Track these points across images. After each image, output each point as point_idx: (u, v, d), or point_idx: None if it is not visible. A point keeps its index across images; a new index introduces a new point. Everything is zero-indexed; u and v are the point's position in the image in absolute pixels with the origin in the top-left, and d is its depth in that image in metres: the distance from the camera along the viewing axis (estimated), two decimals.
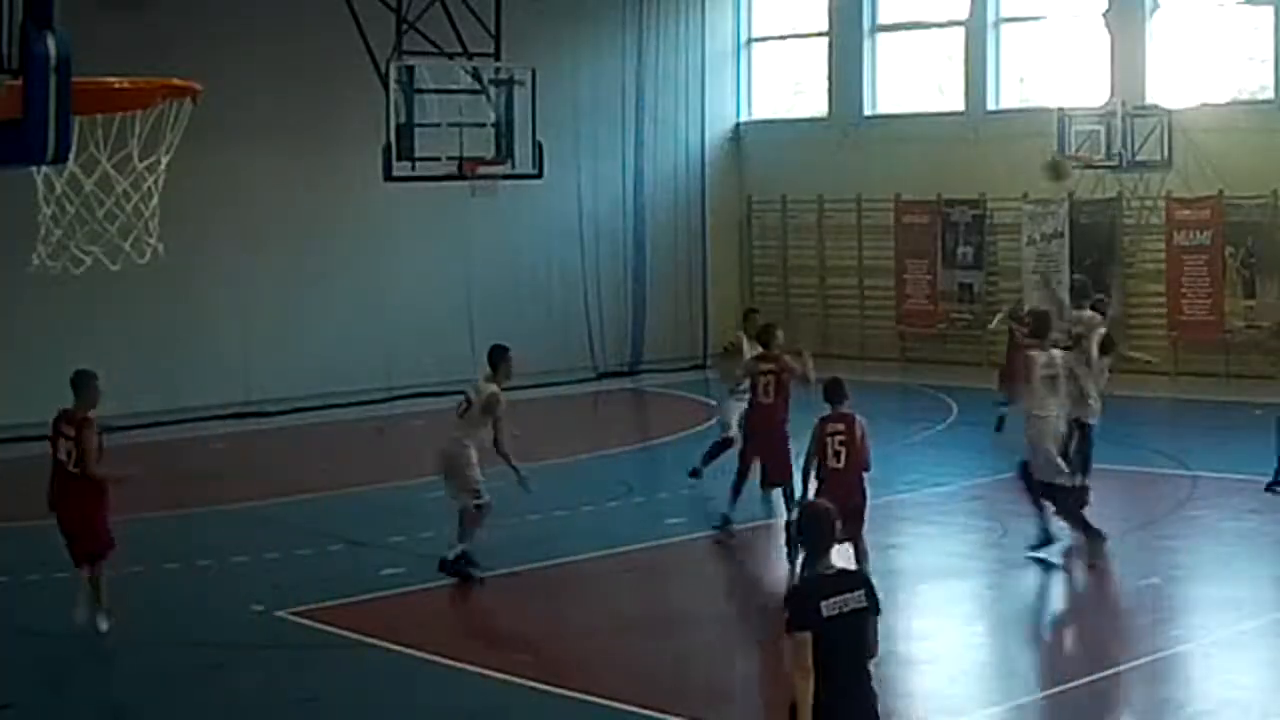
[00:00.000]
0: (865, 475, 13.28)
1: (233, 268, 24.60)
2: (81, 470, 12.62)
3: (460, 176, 20.86)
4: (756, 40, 31.34)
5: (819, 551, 7.53)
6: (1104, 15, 26.65)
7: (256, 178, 24.73)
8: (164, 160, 11.39)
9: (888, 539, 15.89)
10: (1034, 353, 14.68)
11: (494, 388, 14.27)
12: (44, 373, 22.44)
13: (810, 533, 7.60)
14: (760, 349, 16.03)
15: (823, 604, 7.34)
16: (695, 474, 17.49)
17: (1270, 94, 25.49)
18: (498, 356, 14.43)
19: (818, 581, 7.47)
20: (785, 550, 14.29)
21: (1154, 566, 14.67)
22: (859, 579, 7.68)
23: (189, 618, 13.54)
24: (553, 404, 24.72)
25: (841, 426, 13.17)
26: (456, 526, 14.44)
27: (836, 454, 13.08)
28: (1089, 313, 16.35)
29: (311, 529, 15.97)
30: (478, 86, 21.00)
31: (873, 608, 7.54)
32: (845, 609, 7.38)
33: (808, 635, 7.27)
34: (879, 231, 29.36)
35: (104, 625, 12.80)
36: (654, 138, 29.56)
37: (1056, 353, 14.70)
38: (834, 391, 13.48)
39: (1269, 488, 16.73)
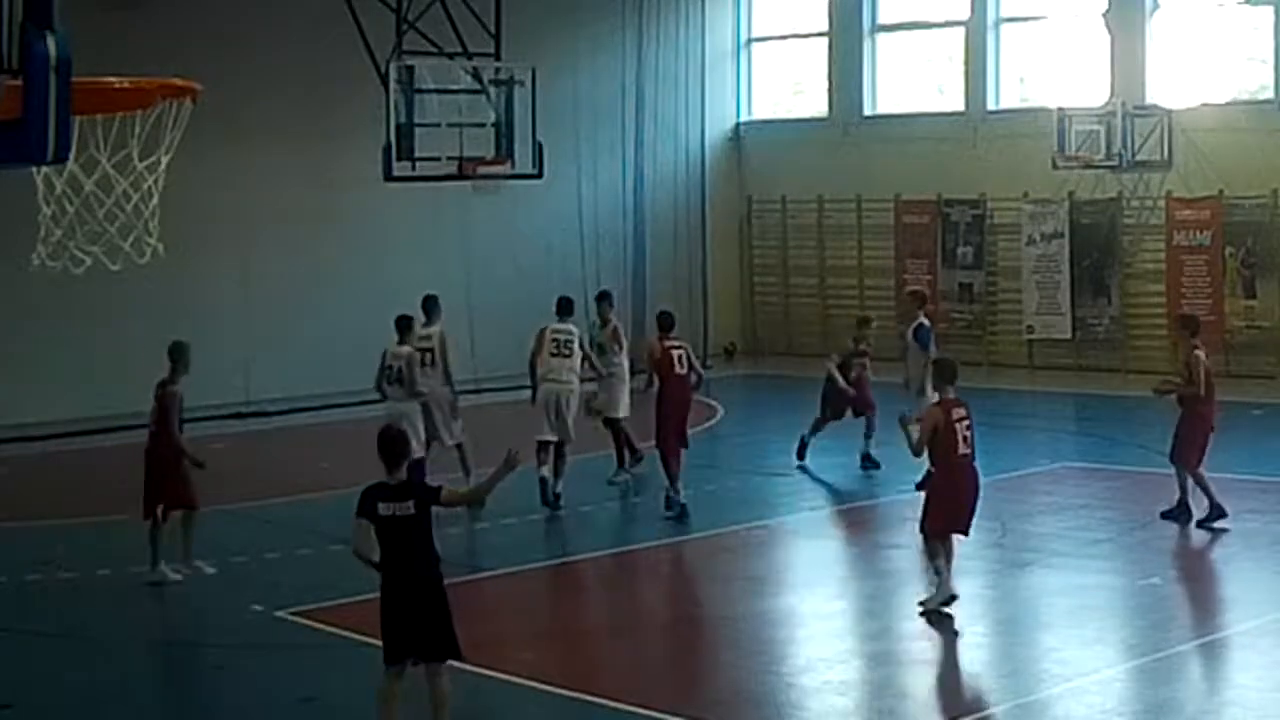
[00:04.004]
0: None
1: (233, 268, 24.61)
2: None
3: (460, 176, 20.86)
4: (756, 40, 31.35)
5: (391, 466, 9.57)
6: (1104, 15, 26.66)
7: (256, 178, 24.72)
8: (164, 160, 11.40)
9: (888, 539, 15.97)
10: None
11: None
12: (44, 372, 22.61)
13: (386, 451, 9.59)
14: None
15: (380, 504, 9.53)
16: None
17: (1270, 94, 25.50)
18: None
19: (384, 487, 9.57)
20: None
21: (1154, 566, 14.67)
22: (412, 492, 9.58)
23: (189, 618, 13.53)
24: None
25: (965, 412, 13.00)
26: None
27: (965, 438, 12.91)
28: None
29: (311, 529, 15.94)
30: (478, 86, 20.99)
31: (421, 511, 9.46)
32: (397, 513, 9.48)
33: (365, 523, 9.57)
34: (879, 231, 29.36)
35: None
36: (654, 138, 29.55)
37: None
38: (949, 373, 13.23)
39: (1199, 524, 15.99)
